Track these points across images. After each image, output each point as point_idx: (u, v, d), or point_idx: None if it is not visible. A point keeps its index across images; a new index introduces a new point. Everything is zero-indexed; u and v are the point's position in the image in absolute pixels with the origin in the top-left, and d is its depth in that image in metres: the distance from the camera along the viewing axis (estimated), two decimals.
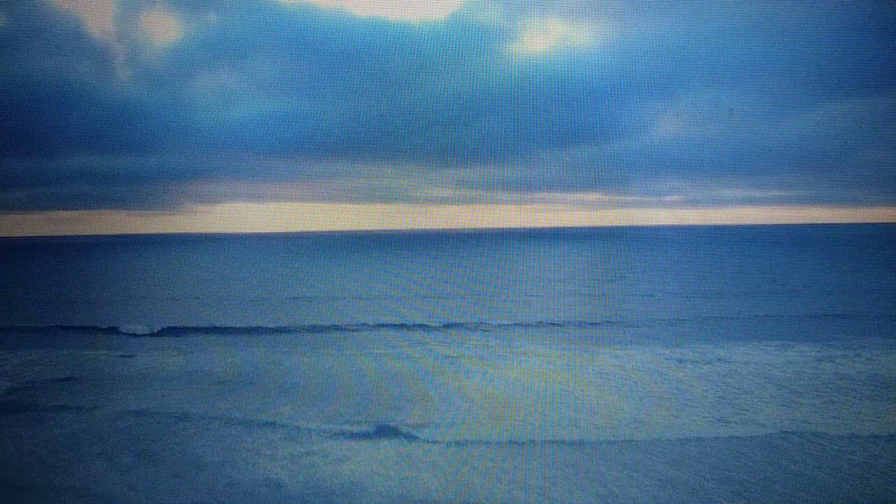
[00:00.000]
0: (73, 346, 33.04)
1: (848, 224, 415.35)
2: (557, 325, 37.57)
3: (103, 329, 37.49)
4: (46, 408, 22.44)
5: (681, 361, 29.37)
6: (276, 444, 19.21)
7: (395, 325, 38.11)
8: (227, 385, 25.66)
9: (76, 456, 18.24)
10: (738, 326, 37.97)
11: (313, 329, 36.66)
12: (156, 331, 36.32)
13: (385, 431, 20.10)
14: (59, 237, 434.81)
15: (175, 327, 37.55)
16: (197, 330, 37.05)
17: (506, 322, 38.57)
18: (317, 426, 20.67)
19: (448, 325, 37.70)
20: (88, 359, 30.17)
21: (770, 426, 20.40)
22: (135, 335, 35.81)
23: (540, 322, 38.96)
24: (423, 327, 37.36)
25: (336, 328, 36.93)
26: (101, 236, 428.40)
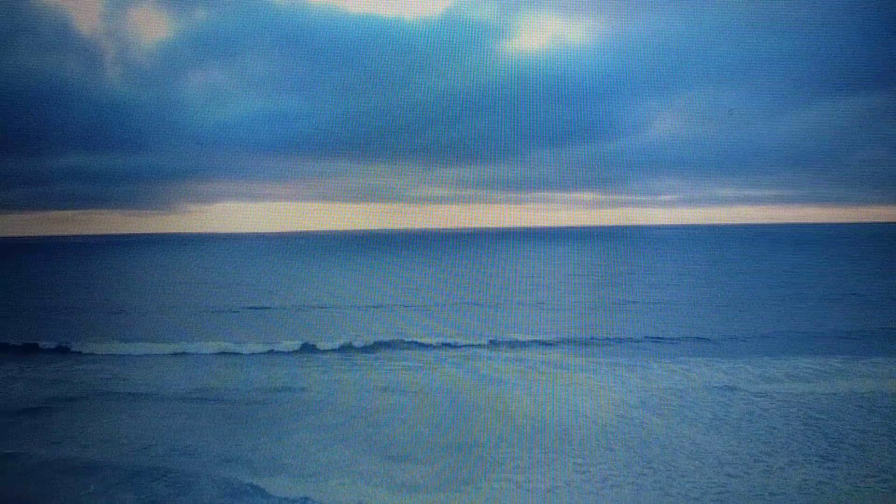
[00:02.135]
0: (56, 363, 29.30)
1: (848, 224, 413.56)
2: (598, 340, 33.82)
3: (93, 342, 33.52)
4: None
5: (743, 379, 25.96)
6: (284, 491, 15.78)
7: (415, 342, 33.46)
8: (222, 416, 22.07)
9: None
10: (792, 339, 34.56)
11: (319, 350, 31.90)
12: (146, 348, 31.96)
13: (419, 482, 16.62)
14: (50, 237, 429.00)
15: (169, 342, 33.42)
16: (193, 346, 32.62)
17: (542, 338, 34.90)
18: (330, 468, 17.24)
19: (478, 342, 33.87)
20: (72, 377, 26.45)
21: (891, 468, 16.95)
22: (123, 354, 31.33)
23: (579, 337, 35.32)
24: (452, 346, 33.13)
25: (347, 349, 32.07)
26: (93, 236, 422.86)
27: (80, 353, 31.24)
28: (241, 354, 30.82)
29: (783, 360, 29.41)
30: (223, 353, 31.06)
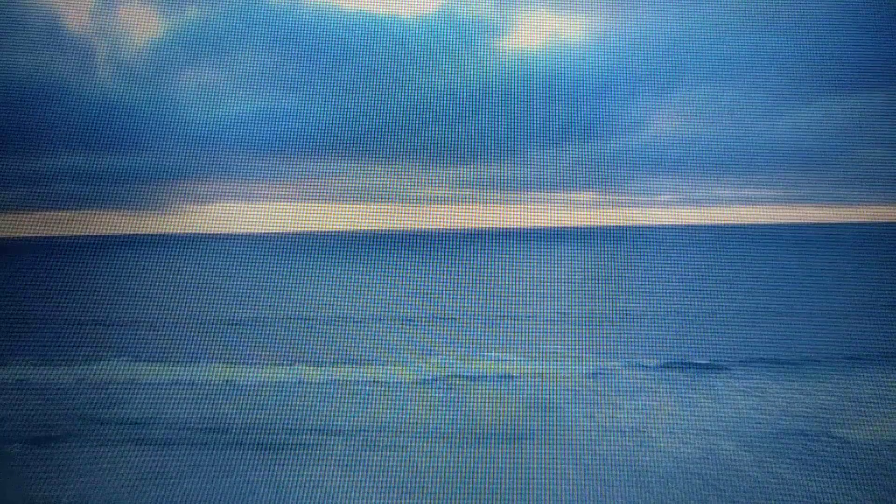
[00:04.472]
0: (26, 390, 25.41)
1: (850, 224, 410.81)
2: (641, 356, 29.97)
3: (70, 365, 29.32)
4: None
5: (826, 401, 22.44)
6: None
7: (447, 365, 29.21)
8: (226, 468, 18.40)
9: None
10: (858, 353, 30.86)
11: (348, 378, 25.99)
12: (134, 372, 27.00)
13: None
14: (44, 238, 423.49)
15: (161, 363, 29.21)
16: (189, 369, 27.65)
17: (580, 354, 31.19)
18: None
19: (513, 363, 29.96)
20: (43, 410, 22.71)
21: None
22: (105, 380, 26.17)
23: (618, 352, 31.63)
24: (485, 369, 29.08)
25: (378, 376, 26.71)
26: (87, 237, 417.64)
27: (56, 380, 25.94)
28: (246, 383, 25.33)
29: (860, 376, 25.88)
30: (226, 380, 25.84)
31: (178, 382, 24.81)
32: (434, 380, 24.73)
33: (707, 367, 26.79)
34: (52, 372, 26.90)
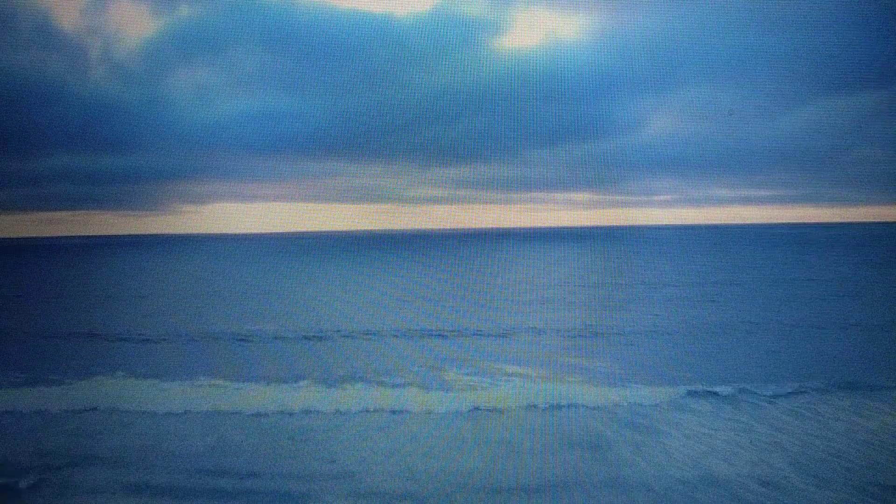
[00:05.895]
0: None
1: (849, 223, 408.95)
2: (668, 369, 27.85)
3: (48, 387, 27.26)
4: None
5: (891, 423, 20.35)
6: None
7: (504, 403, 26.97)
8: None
9: None
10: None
11: (389, 408, 22.43)
12: (120, 397, 24.67)
13: None
14: (39, 238, 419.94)
15: (154, 382, 27.20)
16: (187, 394, 25.19)
17: (602, 368, 28.99)
18: None
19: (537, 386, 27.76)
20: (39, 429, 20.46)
21: None
22: (87, 407, 22.94)
23: (638, 362, 29.51)
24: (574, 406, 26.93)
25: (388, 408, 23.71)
26: (84, 237, 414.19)
27: (39, 404, 22.64)
28: (249, 410, 22.25)
29: None
30: (227, 403, 23.25)
31: (175, 406, 22.19)
32: (457, 412, 22.17)
33: (753, 388, 24.59)
34: (33, 392, 24.30)
